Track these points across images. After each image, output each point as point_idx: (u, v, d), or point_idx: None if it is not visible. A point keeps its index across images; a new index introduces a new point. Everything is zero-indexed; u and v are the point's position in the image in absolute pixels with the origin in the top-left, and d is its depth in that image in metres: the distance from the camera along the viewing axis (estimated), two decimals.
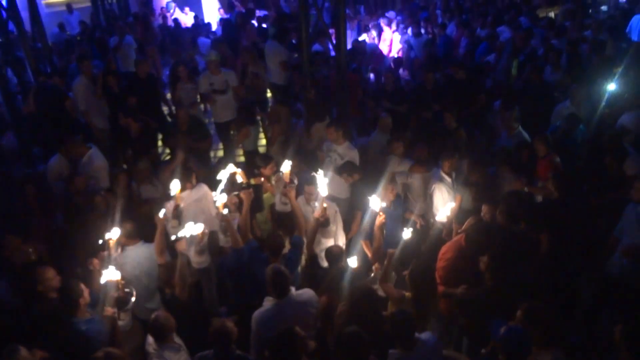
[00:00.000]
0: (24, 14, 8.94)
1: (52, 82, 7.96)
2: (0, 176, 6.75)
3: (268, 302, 4.00)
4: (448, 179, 5.73)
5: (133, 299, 4.15)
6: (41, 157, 7.36)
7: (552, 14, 12.01)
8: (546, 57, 8.42)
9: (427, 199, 5.87)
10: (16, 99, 8.43)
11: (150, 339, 3.92)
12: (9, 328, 3.74)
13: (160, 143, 8.23)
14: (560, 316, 4.14)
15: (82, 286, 3.99)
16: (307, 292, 4.13)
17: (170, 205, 4.87)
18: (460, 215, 5.47)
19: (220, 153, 8.57)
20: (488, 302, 4.06)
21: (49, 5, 14.65)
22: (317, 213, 4.74)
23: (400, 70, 10.00)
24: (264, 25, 12.16)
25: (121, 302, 4.06)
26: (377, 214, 4.62)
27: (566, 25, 10.10)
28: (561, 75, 7.97)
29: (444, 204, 5.60)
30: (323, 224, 4.93)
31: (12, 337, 3.64)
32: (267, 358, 3.48)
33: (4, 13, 8.42)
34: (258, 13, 13.14)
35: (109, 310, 4.01)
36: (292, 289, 4.03)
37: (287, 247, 4.80)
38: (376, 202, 4.58)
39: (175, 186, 4.66)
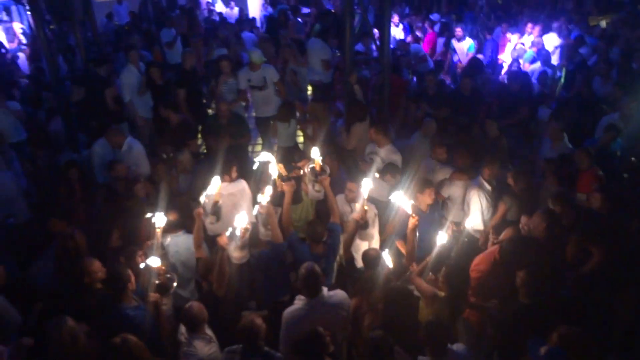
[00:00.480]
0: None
1: (96, 71, 8.15)
2: (47, 160, 7.00)
3: (299, 302, 3.99)
4: (488, 187, 5.61)
5: (175, 284, 4.23)
6: (86, 142, 7.57)
7: (603, 23, 11.63)
8: (597, 68, 8.16)
9: (465, 206, 5.77)
10: (65, 85, 8.72)
11: (182, 328, 3.98)
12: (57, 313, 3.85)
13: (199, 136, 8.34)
14: (598, 338, 4.00)
15: (129, 272, 4.08)
16: (339, 294, 4.10)
17: (209, 200, 4.86)
18: (502, 226, 5.35)
19: (259, 148, 8.64)
20: (522, 319, 3.95)
21: None
22: (356, 215, 4.67)
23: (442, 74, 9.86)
24: (303, 21, 12.15)
25: (163, 288, 4.13)
26: (410, 215, 4.51)
27: (619, 35, 9.77)
28: (611, 87, 7.72)
29: (481, 212, 5.51)
30: (362, 226, 4.84)
31: None
32: (293, 358, 3.49)
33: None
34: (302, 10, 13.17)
35: (153, 295, 4.07)
36: (325, 290, 4.00)
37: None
38: (407, 204, 4.49)
39: (215, 182, 4.67)
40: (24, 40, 11.51)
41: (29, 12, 10.83)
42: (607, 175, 5.76)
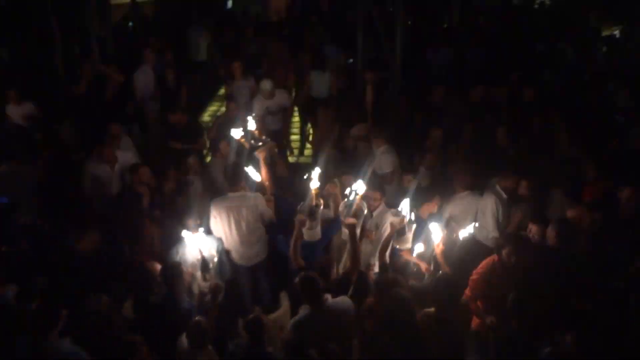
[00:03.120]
0: None
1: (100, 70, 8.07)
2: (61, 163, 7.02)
3: (303, 310, 3.98)
4: (504, 195, 5.57)
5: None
6: None
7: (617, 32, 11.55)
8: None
9: (479, 214, 5.65)
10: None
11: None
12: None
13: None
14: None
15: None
16: (344, 302, 4.08)
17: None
18: None
19: None
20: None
21: None
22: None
23: None
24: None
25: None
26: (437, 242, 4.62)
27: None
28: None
29: (496, 219, 5.46)
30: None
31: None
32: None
33: None
34: None
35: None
36: (329, 297, 3.98)
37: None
38: (438, 234, 4.55)
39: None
40: None
41: None
42: None
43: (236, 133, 5.90)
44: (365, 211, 4.71)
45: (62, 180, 6.32)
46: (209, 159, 7.63)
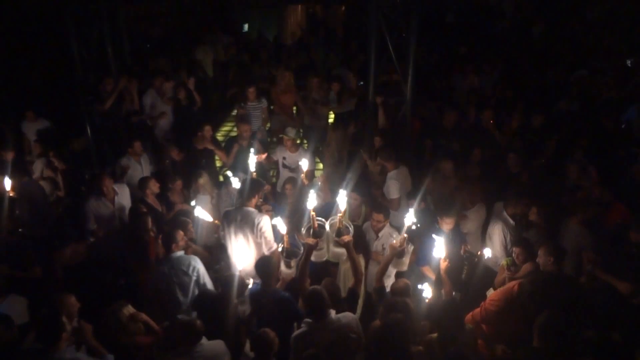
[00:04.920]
0: None
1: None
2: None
3: (305, 325, 3.97)
4: (511, 222, 5.52)
5: None
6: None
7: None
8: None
9: (487, 239, 5.65)
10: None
11: None
12: None
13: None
14: None
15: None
16: (347, 316, 4.06)
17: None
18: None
19: None
20: None
21: None
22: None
23: None
24: None
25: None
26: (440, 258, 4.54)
27: None
28: None
29: (504, 246, 5.40)
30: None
31: None
32: None
33: None
34: None
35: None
36: (332, 312, 3.97)
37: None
38: (442, 249, 4.47)
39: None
40: None
41: None
42: None
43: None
44: (352, 230, 4.68)
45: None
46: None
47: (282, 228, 4.59)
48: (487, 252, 5.10)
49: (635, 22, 11.86)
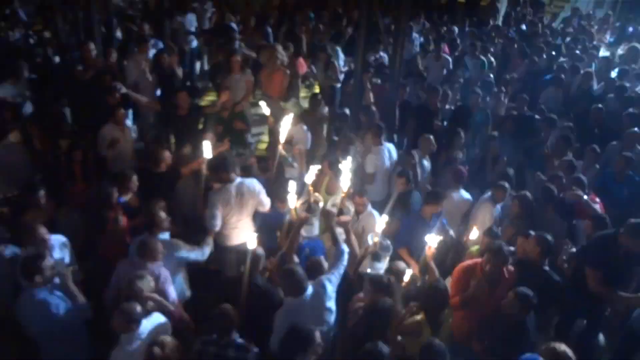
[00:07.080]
0: None
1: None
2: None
3: (285, 303, 4.00)
4: (498, 207, 5.66)
5: None
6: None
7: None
8: None
9: (471, 219, 5.78)
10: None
11: None
12: None
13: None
14: None
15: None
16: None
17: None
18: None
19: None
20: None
21: None
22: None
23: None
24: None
25: None
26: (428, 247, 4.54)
27: None
28: None
29: (483, 226, 5.41)
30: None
31: None
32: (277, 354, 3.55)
33: None
34: None
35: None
36: (310, 288, 3.95)
37: None
38: (433, 241, 4.49)
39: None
40: None
41: None
42: None
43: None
44: (352, 212, 4.67)
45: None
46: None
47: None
48: (474, 235, 5.13)
49: None
